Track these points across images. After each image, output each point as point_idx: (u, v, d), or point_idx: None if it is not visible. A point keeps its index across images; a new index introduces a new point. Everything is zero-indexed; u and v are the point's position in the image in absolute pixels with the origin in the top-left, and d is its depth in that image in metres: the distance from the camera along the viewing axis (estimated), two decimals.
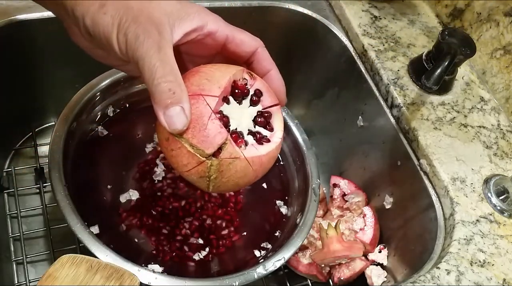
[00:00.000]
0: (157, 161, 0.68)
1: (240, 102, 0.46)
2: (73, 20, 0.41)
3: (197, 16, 0.42)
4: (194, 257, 0.64)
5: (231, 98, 0.45)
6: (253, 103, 0.47)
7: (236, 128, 0.45)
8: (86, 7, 0.39)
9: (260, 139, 0.46)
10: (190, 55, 0.47)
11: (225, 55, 0.47)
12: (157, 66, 0.38)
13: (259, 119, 0.46)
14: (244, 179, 0.44)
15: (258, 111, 0.47)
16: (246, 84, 0.46)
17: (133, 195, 0.65)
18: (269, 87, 0.47)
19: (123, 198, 0.64)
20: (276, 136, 0.47)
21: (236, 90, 0.45)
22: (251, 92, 0.47)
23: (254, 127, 0.46)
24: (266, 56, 0.47)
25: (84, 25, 0.40)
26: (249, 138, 0.45)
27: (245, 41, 0.46)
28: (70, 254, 0.46)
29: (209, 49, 0.46)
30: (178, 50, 0.46)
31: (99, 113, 0.65)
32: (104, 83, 0.63)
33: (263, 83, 0.47)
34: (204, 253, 0.64)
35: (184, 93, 0.39)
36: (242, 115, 0.46)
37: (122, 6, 0.39)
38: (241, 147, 0.43)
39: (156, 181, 0.67)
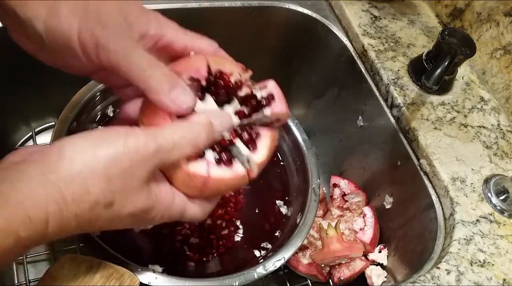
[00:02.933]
0: None
1: (221, 103, 0.43)
2: (14, 21, 0.38)
3: (155, 22, 0.42)
4: (194, 257, 0.64)
5: (208, 96, 0.43)
6: (260, 106, 0.44)
7: None
8: (33, 10, 0.37)
9: (222, 161, 0.41)
10: None
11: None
12: (142, 59, 0.39)
13: (244, 135, 0.43)
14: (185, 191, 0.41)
15: (244, 126, 0.43)
16: (240, 82, 0.43)
17: None
18: (282, 94, 0.45)
19: None
20: (252, 161, 0.42)
21: (220, 82, 0.42)
22: (262, 94, 0.44)
23: (229, 140, 0.42)
24: (225, 56, 0.46)
25: (33, 29, 0.38)
26: (209, 154, 0.41)
27: (204, 47, 0.44)
28: (70, 254, 0.46)
29: (165, 58, 0.44)
30: None
31: (99, 113, 0.65)
32: None
33: (277, 88, 0.45)
34: (204, 253, 0.64)
35: (175, 75, 0.40)
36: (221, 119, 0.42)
37: (80, 9, 0.38)
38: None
39: None
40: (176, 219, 0.42)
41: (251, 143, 0.43)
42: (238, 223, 0.69)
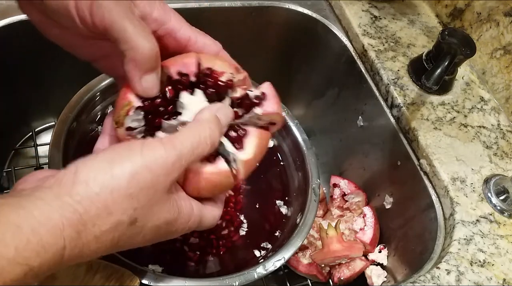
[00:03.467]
0: None
1: (210, 99, 0.43)
2: None
3: (160, 7, 0.41)
4: (194, 257, 0.64)
5: (198, 91, 0.42)
6: (252, 105, 0.43)
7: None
8: None
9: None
10: None
11: None
12: (135, 27, 0.36)
13: (231, 133, 0.43)
14: None
15: (233, 125, 0.43)
16: (231, 81, 0.43)
17: None
18: (276, 95, 0.45)
19: None
20: (237, 159, 0.42)
21: (209, 80, 0.42)
22: (256, 93, 0.44)
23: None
24: (228, 59, 0.45)
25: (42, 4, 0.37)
26: None
27: (208, 44, 0.43)
28: None
29: (167, 51, 0.43)
30: None
31: (99, 113, 0.65)
32: (104, 83, 0.63)
33: (271, 89, 0.45)
34: (204, 253, 0.64)
35: (159, 59, 0.39)
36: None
37: None
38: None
39: None
40: (194, 229, 0.41)
41: (237, 141, 0.43)
42: (238, 223, 0.69)
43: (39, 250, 0.30)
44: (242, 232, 0.68)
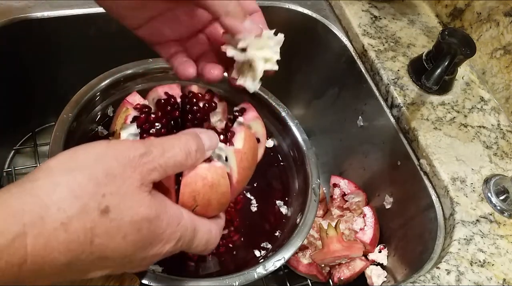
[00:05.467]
0: None
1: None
2: None
3: None
4: (194, 257, 0.63)
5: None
6: (235, 117, 0.50)
7: None
8: None
9: None
10: (164, 35, 0.47)
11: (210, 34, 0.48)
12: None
13: (220, 137, 0.45)
14: None
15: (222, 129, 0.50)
16: (210, 105, 0.51)
17: None
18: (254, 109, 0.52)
19: None
20: (228, 152, 0.44)
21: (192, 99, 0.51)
22: (237, 109, 0.51)
23: None
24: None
25: None
26: None
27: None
28: None
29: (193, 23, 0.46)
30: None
31: (99, 113, 0.65)
32: (104, 83, 0.63)
33: (249, 104, 0.52)
34: None
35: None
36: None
37: None
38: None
39: None
40: (188, 244, 0.39)
41: (226, 141, 0.46)
42: (238, 223, 0.69)
43: None
44: (242, 232, 0.68)
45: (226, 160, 0.44)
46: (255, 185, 0.69)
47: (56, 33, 0.70)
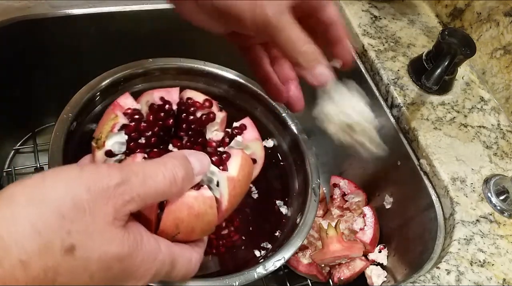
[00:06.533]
0: None
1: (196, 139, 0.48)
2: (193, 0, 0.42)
3: None
4: None
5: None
6: (233, 135, 0.48)
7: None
8: None
9: None
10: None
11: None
12: (298, 33, 0.40)
13: (214, 158, 0.42)
14: None
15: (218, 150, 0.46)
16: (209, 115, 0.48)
17: None
18: (254, 127, 0.50)
19: None
20: (221, 179, 0.41)
21: (189, 106, 0.48)
22: (236, 125, 0.49)
23: None
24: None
25: (212, 5, 0.41)
26: None
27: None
28: None
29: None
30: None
31: (99, 113, 0.65)
32: (104, 83, 0.62)
33: (250, 121, 0.50)
34: (204, 253, 0.64)
35: (319, 51, 0.42)
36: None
37: None
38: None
39: None
40: (166, 274, 0.36)
41: (220, 164, 0.42)
42: (238, 223, 0.69)
43: None
44: (242, 232, 0.68)
45: (217, 184, 0.41)
46: (255, 184, 0.69)
47: (56, 33, 0.71)
